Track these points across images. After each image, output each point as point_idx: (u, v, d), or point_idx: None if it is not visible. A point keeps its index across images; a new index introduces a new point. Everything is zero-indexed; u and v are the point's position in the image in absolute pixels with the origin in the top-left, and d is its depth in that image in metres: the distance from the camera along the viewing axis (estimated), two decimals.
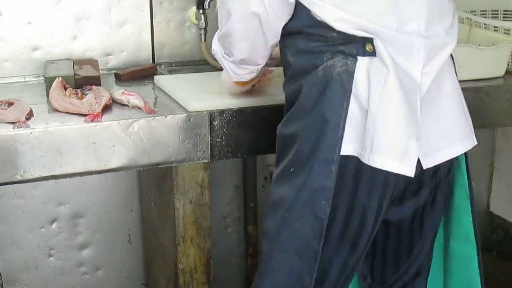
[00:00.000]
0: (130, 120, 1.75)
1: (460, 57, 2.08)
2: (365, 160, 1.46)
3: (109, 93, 1.86)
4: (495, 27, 2.25)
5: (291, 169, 1.54)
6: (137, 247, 2.49)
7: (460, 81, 2.10)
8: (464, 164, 1.76)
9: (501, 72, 2.19)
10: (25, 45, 2.16)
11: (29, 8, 2.13)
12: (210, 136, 1.82)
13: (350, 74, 1.44)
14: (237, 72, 1.68)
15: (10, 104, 1.77)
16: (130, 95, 1.86)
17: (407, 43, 1.43)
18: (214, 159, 1.85)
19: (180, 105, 1.86)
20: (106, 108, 1.80)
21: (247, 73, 1.69)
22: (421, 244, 1.70)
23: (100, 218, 2.41)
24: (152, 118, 1.77)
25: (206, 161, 1.85)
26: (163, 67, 2.32)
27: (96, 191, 2.38)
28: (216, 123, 1.82)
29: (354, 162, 1.47)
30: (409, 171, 1.46)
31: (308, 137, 1.50)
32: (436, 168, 1.57)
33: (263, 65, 1.68)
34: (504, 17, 2.51)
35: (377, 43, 1.42)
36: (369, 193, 1.50)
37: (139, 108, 1.82)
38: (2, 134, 1.65)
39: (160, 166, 1.82)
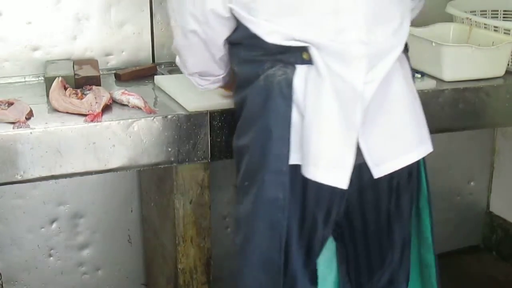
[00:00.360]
0: (130, 120, 1.75)
1: (460, 57, 2.10)
2: (302, 171, 1.45)
3: (109, 93, 1.86)
4: (495, 27, 2.25)
5: (246, 183, 1.54)
6: (137, 247, 2.49)
7: (460, 81, 2.12)
8: (423, 170, 1.69)
9: (501, 72, 2.19)
10: (25, 45, 2.16)
11: (29, 8, 2.13)
12: (210, 136, 1.82)
13: (289, 83, 1.43)
14: (201, 83, 1.71)
15: (10, 104, 1.77)
16: (130, 95, 1.86)
17: (345, 52, 1.40)
18: (214, 159, 1.85)
19: (180, 105, 1.86)
20: (106, 108, 1.80)
21: (210, 83, 1.71)
22: (392, 252, 1.67)
23: (100, 218, 2.41)
24: (152, 118, 1.77)
25: (206, 161, 1.85)
26: (163, 67, 2.32)
27: (96, 191, 2.38)
28: (216, 123, 1.82)
29: (301, 172, 1.46)
30: (342, 183, 1.44)
31: (256, 148, 1.50)
32: (391, 176, 1.53)
33: (224, 74, 1.68)
34: (504, 17, 2.51)
35: (313, 52, 1.41)
36: (317, 201, 1.50)
37: (139, 108, 1.82)
38: (2, 134, 1.65)
39: (160, 166, 1.82)
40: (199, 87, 1.73)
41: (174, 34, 1.61)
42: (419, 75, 2.11)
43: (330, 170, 1.43)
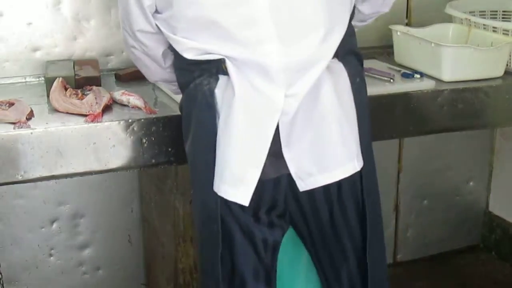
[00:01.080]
0: (130, 120, 1.75)
1: (459, 58, 2.11)
2: (213, 186, 1.45)
3: (110, 93, 1.87)
4: (494, 27, 2.26)
5: (192, 191, 1.57)
6: (137, 247, 2.50)
7: (459, 81, 2.12)
8: (357, 185, 1.55)
9: (500, 72, 2.19)
10: (25, 45, 2.16)
11: (30, 8, 2.13)
12: None
13: (211, 92, 1.44)
14: (170, 88, 1.76)
15: (11, 104, 1.78)
16: (130, 95, 1.86)
17: (263, 65, 1.38)
18: None
19: None
20: (106, 108, 1.81)
21: (178, 88, 1.68)
22: (346, 264, 1.60)
23: (100, 218, 2.41)
24: (152, 118, 1.77)
25: None
26: None
27: (96, 191, 2.38)
28: None
29: None
30: (244, 200, 1.42)
31: (191, 157, 1.52)
32: (326, 187, 1.48)
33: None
34: (503, 18, 2.52)
35: (228, 64, 1.40)
36: (241, 209, 1.47)
37: (139, 108, 1.82)
38: (3, 134, 1.65)
39: (160, 166, 1.82)
40: (171, 92, 1.79)
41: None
42: (418, 76, 2.12)
43: (233, 186, 1.41)
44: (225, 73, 1.42)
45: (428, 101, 2.06)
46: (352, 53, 1.52)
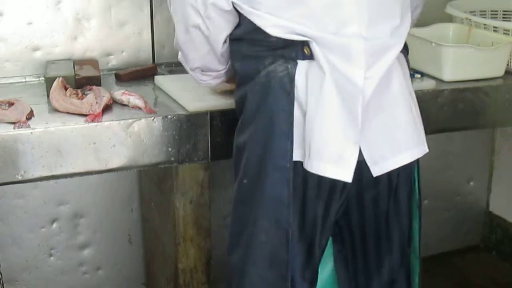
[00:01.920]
0: (130, 120, 1.75)
1: (460, 57, 2.10)
2: (304, 165, 1.45)
3: (110, 93, 1.87)
4: (494, 27, 2.26)
5: (244, 181, 1.54)
6: (137, 247, 2.50)
7: (459, 81, 2.12)
8: (417, 174, 1.67)
9: (500, 72, 2.19)
10: (25, 45, 2.16)
11: (30, 8, 2.13)
12: (210, 136, 1.82)
13: (291, 78, 1.43)
14: (202, 78, 1.70)
15: (11, 104, 1.78)
16: (130, 95, 1.86)
17: (346, 47, 1.40)
18: (214, 159, 1.85)
19: (180, 105, 1.86)
20: (107, 108, 1.81)
21: (211, 79, 1.70)
22: (390, 256, 1.66)
23: (100, 218, 2.41)
24: (152, 118, 1.77)
25: (206, 161, 1.85)
26: (163, 67, 2.32)
27: (96, 191, 2.38)
28: (216, 123, 1.82)
29: (302, 168, 1.46)
30: (346, 177, 1.43)
31: (257, 144, 1.49)
32: (390, 175, 1.54)
33: (226, 69, 1.68)
34: (503, 18, 2.52)
35: (314, 47, 1.41)
36: (316, 199, 1.50)
37: (139, 108, 1.82)
38: (3, 134, 1.65)
39: (160, 166, 1.82)
40: (201, 82, 1.72)
41: (176, 30, 1.61)
42: (419, 75, 2.11)
43: (334, 163, 1.43)
44: (305, 57, 1.43)
45: (428, 101, 2.06)
46: (406, 48, 1.58)
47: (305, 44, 1.42)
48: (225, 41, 1.58)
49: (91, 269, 2.45)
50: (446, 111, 2.09)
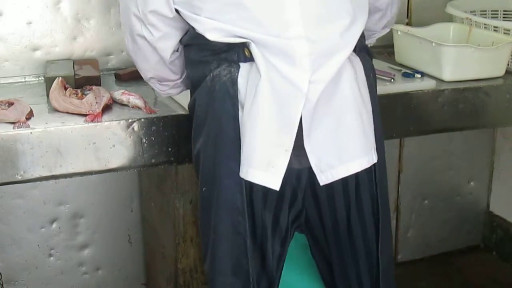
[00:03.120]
0: (130, 120, 1.75)
1: (460, 57, 2.10)
2: (240, 172, 1.42)
3: (109, 93, 1.86)
4: (495, 27, 2.25)
5: (203, 189, 1.51)
6: (137, 247, 2.49)
7: (460, 81, 2.12)
8: (374, 177, 1.55)
9: (501, 72, 2.19)
10: (25, 45, 2.16)
11: (29, 8, 2.13)
12: None
13: (234, 82, 1.41)
14: (161, 88, 1.69)
15: (10, 104, 1.77)
16: (130, 95, 1.86)
17: (289, 49, 1.36)
18: None
19: (180, 105, 1.86)
20: (106, 108, 1.80)
21: (169, 88, 1.68)
22: (355, 270, 1.59)
23: (100, 218, 2.41)
24: (152, 118, 1.77)
25: None
26: None
27: (96, 191, 2.38)
28: None
29: None
30: (274, 184, 1.40)
31: (208, 152, 1.47)
32: (344, 181, 1.48)
33: (181, 79, 1.65)
34: (504, 17, 2.51)
35: (253, 48, 1.38)
36: (263, 206, 1.47)
37: (139, 108, 1.82)
38: (2, 134, 1.65)
39: (160, 166, 1.82)
40: (160, 92, 1.71)
41: (125, 40, 1.59)
42: (419, 75, 2.11)
43: (263, 170, 1.39)
44: (247, 59, 1.40)
45: (428, 101, 2.05)
46: (365, 49, 1.53)
47: (245, 46, 1.39)
48: (175, 50, 1.55)
49: (90, 269, 2.45)
50: (447, 111, 2.09)
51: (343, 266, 1.60)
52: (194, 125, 1.53)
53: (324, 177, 1.43)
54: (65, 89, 1.87)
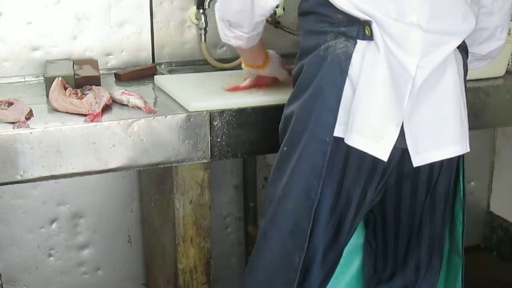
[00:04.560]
0: (130, 120, 1.75)
1: None
2: (346, 139, 1.48)
3: (109, 93, 1.86)
4: None
5: (285, 149, 1.58)
6: (137, 247, 2.49)
7: None
8: (462, 174, 1.72)
9: (501, 72, 2.19)
10: (25, 45, 2.16)
11: (29, 8, 2.13)
12: (210, 136, 1.82)
13: (348, 56, 1.47)
14: (225, 32, 1.70)
15: (10, 104, 1.77)
16: (130, 95, 1.86)
17: (404, 33, 1.44)
18: (214, 159, 1.84)
19: (180, 105, 1.86)
20: (106, 108, 1.80)
21: (233, 37, 1.70)
22: (417, 251, 1.71)
23: (100, 218, 2.41)
24: (152, 118, 1.77)
25: (206, 161, 1.85)
26: (163, 67, 2.32)
27: (96, 191, 2.37)
28: (216, 123, 1.82)
29: (344, 145, 1.49)
30: (383, 155, 1.46)
31: (301, 115, 1.53)
32: (431, 169, 1.57)
33: (249, 35, 1.69)
34: None
35: (374, 28, 1.45)
36: (355, 178, 1.53)
37: (139, 108, 1.82)
38: (2, 134, 1.64)
39: (160, 166, 1.82)
40: (222, 35, 1.73)
41: None
42: None
43: (374, 140, 1.45)
44: (366, 37, 1.46)
45: None
46: (465, 49, 1.60)
47: (366, 24, 1.45)
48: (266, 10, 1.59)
49: (90, 269, 2.45)
50: None
51: (407, 250, 1.70)
52: (295, 88, 1.58)
53: (418, 159, 1.49)
54: (65, 89, 1.87)
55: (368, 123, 1.45)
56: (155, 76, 2.13)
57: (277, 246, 1.61)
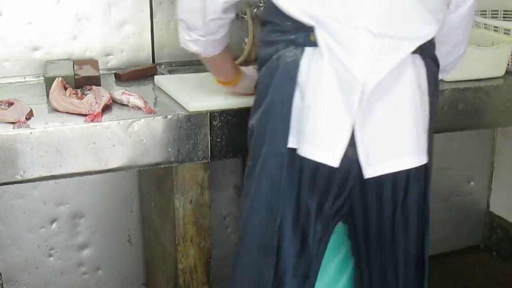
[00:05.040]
0: (130, 120, 1.75)
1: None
2: (298, 150, 1.46)
3: (109, 93, 1.86)
4: (495, 27, 2.25)
5: (250, 163, 1.57)
6: (137, 247, 2.49)
7: (460, 81, 2.12)
8: (424, 179, 1.58)
9: (501, 72, 2.19)
10: (25, 45, 2.16)
11: (29, 8, 2.13)
12: (210, 136, 1.82)
13: (296, 64, 1.45)
14: (183, 35, 1.67)
15: (10, 104, 1.77)
16: (130, 95, 1.86)
17: (352, 38, 1.40)
18: (214, 159, 1.85)
19: (180, 105, 1.86)
20: (106, 108, 1.80)
21: (190, 41, 1.66)
22: (393, 269, 1.63)
23: (100, 218, 2.41)
24: (152, 118, 1.77)
25: (206, 161, 1.85)
26: (163, 67, 2.32)
27: (96, 191, 2.37)
28: (216, 123, 1.82)
29: (299, 156, 1.47)
30: (333, 162, 1.43)
31: (261, 128, 1.52)
32: (395, 177, 1.50)
33: (206, 39, 1.65)
34: (504, 17, 2.51)
35: (318, 33, 1.42)
36: (310, 190, 1.50)
37: (139, 108, 1.82)
38: (2, 134, 1.64)
39: (160, 166, 1.82)
40: (181, 40, 1.70)
41: None
42: None
43: (323, 149, 1.43)
44: (311, 44, 1.44)
45: None
46: (432, 58, 1.54)
47: (311, 30, 1.43)
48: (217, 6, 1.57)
49: (90, 269, 2.45)
50: (447, 111, 2.09)
51: (382, 264, 1.62)
52: (254, 101, 1.57)
53: (370, 170, 1.45)
54: (65, 89, 1.87)
55: (317, 132, 1.43)
56: (155, 76, 2.14)
57: (247, 263, 1.60)
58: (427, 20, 1.46)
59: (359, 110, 1.41)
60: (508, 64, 2.20)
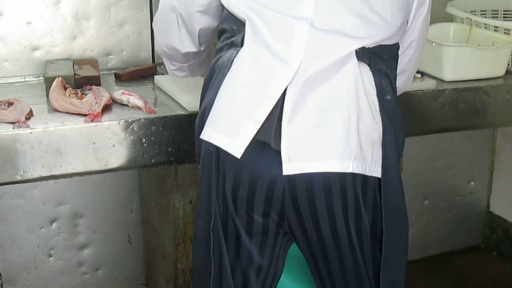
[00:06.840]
0: (130, 120, 1.75)
1: (460, 57, 2.10)
2: (201, 134, 1.41)
3: (109, 93, 1.86)
4: (495, 27, 2.25)
5: (198, 167, 1.51)
6: (137, 247, 2.49)
7: (460, 81, 2.12)
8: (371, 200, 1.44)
9: (501, 72, 2.19)
10: (25, 45, 2.16)
11: (29, 8, 2.13)
12: None
13: (230, 60, 1.43)
14: (168, 66, 1.76)
15: (10, 104, 1.77)
16: (130, 95, 1.86)
17: (290, 27, 1.37)
18: None
19: (180, 105, 1.86)
20: (106, 108, 1.80)
21: (176, 70, 1.74)
22: (343, 277, 1.47)
23: (100, 218, 2.41)
24: (152, 118, 1.77)
25: None
26: (163, 67, 2.31)
27: (96, 191, 2.37)
28: None
29: (223, 156, 1.39)
30: (236, 151, 1.34)
31: (198, 129, 1.49)
32: (327, 191, 1.36)
33: (189, 64, 1.72)
34: (504, 17, 2.51)
35: (249, 23, 1.40)
36: (234, 194, 1.41)
37: (139, 108, 1.82)
38: (2, 134, 1.64)
39: (160, 166, 1.82)
40: (168, 71, 1.79)
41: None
42: (419, 75, 2.11)
43: (227, 135, 1.36)
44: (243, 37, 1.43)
45: (429, 101, 2.05)
46: (385, 73, 1.45)
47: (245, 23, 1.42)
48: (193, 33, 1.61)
49: (90, 269, 2.45)
50: (447, 111, 2.08)
51: (332, 281, 1.48)
52: (200, 100, 1.57)
53: (290, 167, 1.33)
54: (65, 89, 1.87)
55: (221, 116, 1.37)
56: (155, 76, 2.13)
57: (198, 277, 1.55)
58: (374, 22, 1.39)
59: (290, 100, 1.34)
60: (508, 64, 2.20)
